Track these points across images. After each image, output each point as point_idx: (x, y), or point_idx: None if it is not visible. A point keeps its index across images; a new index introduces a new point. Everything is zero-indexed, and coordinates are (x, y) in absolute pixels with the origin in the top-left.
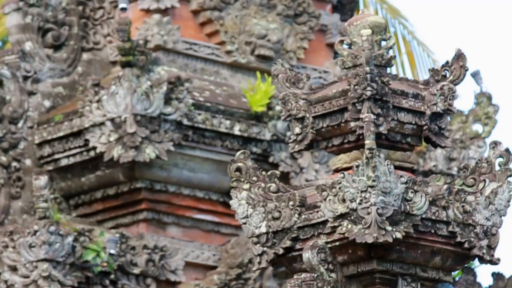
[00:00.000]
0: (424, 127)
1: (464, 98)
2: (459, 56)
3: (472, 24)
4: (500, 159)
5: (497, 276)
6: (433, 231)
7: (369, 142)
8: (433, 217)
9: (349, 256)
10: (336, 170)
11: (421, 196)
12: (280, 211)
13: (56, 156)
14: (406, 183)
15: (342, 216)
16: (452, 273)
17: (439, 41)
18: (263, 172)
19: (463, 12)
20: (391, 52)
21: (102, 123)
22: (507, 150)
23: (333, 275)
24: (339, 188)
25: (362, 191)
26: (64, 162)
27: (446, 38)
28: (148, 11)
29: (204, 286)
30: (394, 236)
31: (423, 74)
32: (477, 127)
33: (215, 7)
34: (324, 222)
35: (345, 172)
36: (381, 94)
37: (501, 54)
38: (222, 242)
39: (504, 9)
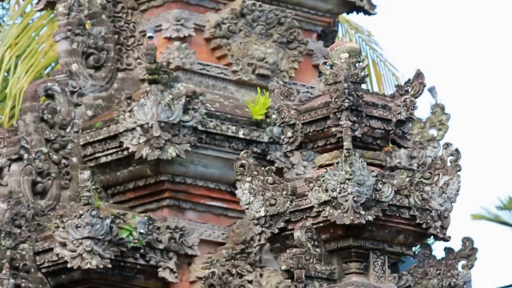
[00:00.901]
0: (391, 132)
1: (422, 108)
2: (419, 75)
3: (430, 46)
4: (451, 157)
5: (448, 250)
6: (397, 214)
7: (347, 143)
8: (398, 204)
9: (330, 234)
10: (321, 166)
11: (388, 187)
12: (275, 199)
13: (97, 155)
14: (376, 176)
15: (325, 203)
16: (413, 248)
17: (403, 62)
18: (262, 168)
19: (424, 37)
20: (364, 72)
21: (134, 129)
22: (456, 150)
23: (317, 250)
24: (323, 180)
25: (341, 183)
26: (103, 159)
27: (409, 59)
28: (170, 39)
29: (215, 259)
30: (366, 219)
31: (388, 90)
32: (433, 132)
33: (224, 36)
34: (311, 208)
35: (328, 168)
36: (356, 105)
37: (451, 72)
38: (229, 224)
39: (455, 31)
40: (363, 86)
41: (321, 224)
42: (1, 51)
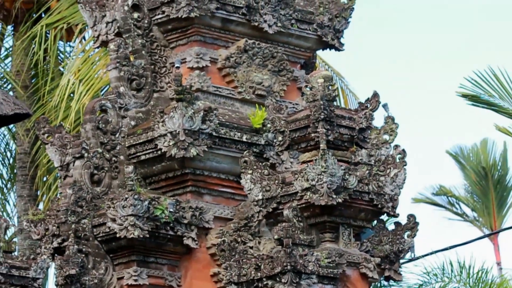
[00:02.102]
0: (355, 137)
1: (378, 119)
2: (375, 95)
3: (384, 74)
4: (399, 156)
5: (397, 224)
6: (360, 198)
7: (322, 145)
8: (360, 190)
9: (310, 212)
10: (303, 162)
11: (353, 177)
12: (270, 186)
13: (138, 154)
14: (344, 169)
15: (307, 189)
16: (371, 222)
17: (363, 86)
18: (260, 163)
19: (380, 66)
20: (334, 93)
21: (165, 134)
22: (403, 150)
23: (301, 224)
24: (305, 172)
25: (318, 174)
26: (142, 157)
27: (368, 85)
28: (192, 69)
29: (225, 231)
30: (337, 201)
31: (351, 106)
32: (386, 136)
33: (231, 66)
34: (296, 193)
35: (308, 163)
36: (329, 117)
37: (399, 92)
38: (236, 204)
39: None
40: (334, 103)
41: (304, 205)
42: (68, 77)
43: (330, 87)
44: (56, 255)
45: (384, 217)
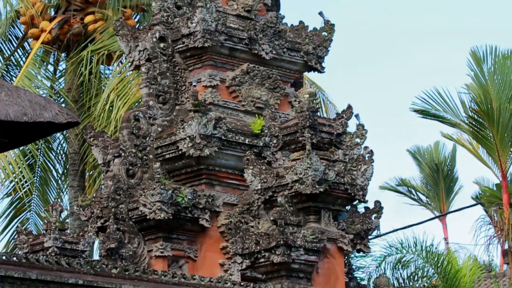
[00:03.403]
0: (333, 140)
1: (352, 126)
2: (349, 107)
3: (358, 90)
4: (368, 155)
5: (366, 208)
6: (337, 188)
7: (308, 147)
8: (337, 181)
9: (298, 199)
10: (293, 160)
11: (332, 172)
12: (267, 179)
13: (163, 154)
14: (325, 165)
15: (295, 181)
16: (346, 207)
17: (340, 99)
18: (259, 161)
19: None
20: (318, 105)
21: (185, 138)
22: (371, 150)
23: (291, 208)
24: (294, 168)
25: (305, 169)
26: (167, 156)
27: (343, 98)
28: (206, 87)
29: (232, 213)
30: (319, 190)
31: (330, 115)
32: (357, 140)
33: (237, 85)
34: (287, 184)
35: (297, 161)
36: (314, 124)
37: (369, 104)
38: (240, 193)
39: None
40: (318, 113)
41: (293, 193)
42: (107, 92)
43: (314, 101)
44: (99, 232)
45: (356, 202)
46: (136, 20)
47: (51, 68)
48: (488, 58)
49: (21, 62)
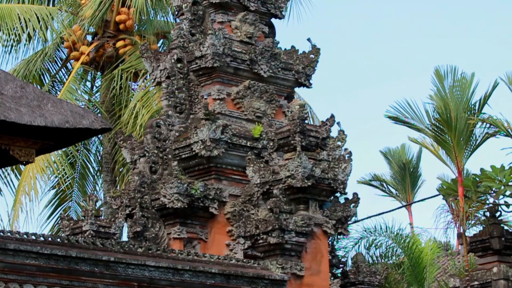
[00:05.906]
0: (319, 143)
1: (334, 131)
2: (332, 116)
3: (339, 104)
4: (348, 155)
5: (346, 198)
6: (322, 182)
7: (298, 148)
8: (322, 177)
9: (290, 191)
10: (286, 159)
11: (318, 169)
12: (265, 175)
13: (180, 154)
14: (312, 164)
15: (289, 177)
16: (329, 197)
17: (325, 110)
18: (258, 160)
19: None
20: (306, 115)
21: (197, 141)
22: (350, 151)
23: (285, 198)
24: (287, 166)
25: (296, 167)
26: (183, 156)
27: (328, 108)
28: (215, 99)
29: (236, 203)
30: (307, 184)
31: (316, 123)
32: (339, 143)
33: (240, 98)
34: (282, 179)
35: (289, 160)
36: (303, 130)
37: (349, 113)
38: (243, 186)
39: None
40: (306, 121)
41: (286, 187)
42: (134, 103)
43: (303, 111)
44: (128, 218)
45: (337, 194)
46: (158, 45)
47: (88, 84)
48: (448, 76)
49: (64, 79)
